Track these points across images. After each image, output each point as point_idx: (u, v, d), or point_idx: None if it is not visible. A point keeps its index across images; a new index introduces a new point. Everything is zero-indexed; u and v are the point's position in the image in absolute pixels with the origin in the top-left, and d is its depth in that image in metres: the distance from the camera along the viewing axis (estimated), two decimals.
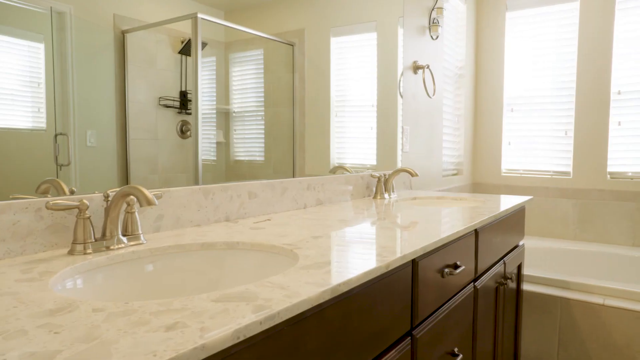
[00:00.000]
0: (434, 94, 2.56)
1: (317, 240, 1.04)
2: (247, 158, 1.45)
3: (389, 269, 0.85)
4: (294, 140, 1.64)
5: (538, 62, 3.19)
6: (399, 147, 2.35)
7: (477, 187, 3.45)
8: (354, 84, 1.99)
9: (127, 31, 1.11)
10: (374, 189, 1.99)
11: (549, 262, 2.91)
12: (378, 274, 0.81)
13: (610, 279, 2.74)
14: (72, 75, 1.00)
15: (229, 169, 1.40)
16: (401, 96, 2.31)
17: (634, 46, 2.86)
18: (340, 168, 1.95)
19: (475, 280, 1.44)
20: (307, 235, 1.10)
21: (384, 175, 2.01)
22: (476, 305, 1.43)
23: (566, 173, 3.13)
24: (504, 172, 3.37)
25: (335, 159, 1.91)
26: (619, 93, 2.92)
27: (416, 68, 2.44)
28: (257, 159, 1.49)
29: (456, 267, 1.24)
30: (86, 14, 1.02)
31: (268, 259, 1.00)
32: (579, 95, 3.02)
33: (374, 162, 2.16)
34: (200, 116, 1.29)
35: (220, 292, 0.66)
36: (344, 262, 0.84)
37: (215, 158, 1.35)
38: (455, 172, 3.19)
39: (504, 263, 1.74)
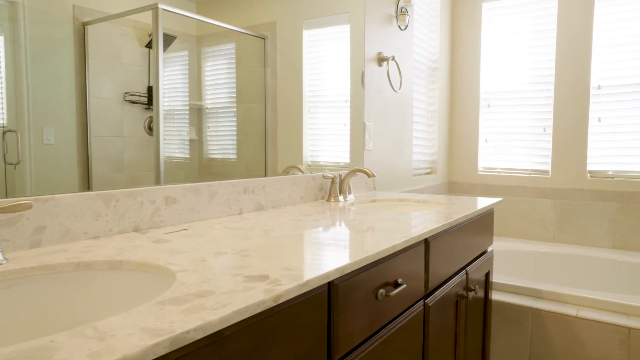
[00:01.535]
0: (400, 88, 2.38)
1: (217, 258, 0.86)
2: (220, 156, 1.40)
3: (279, 302, 0.66)
4: (266, 138, 1.58)
5: (516, 55, 3.02)
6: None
7: (452, 186, 3.28)
8: (327, 79, 1.89)
9: (88, 23, 1.05)
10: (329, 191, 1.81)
11: (524, 266, 2.75)
12: (261, 309, 0.63)
13: (587, 284, 2.59)
14: (26, 69, 0.94)
15: (203, 168, 1.35)
16: (363, 87, 2.13)
17: (614, 38, 2.71)
18: (293, 168, 1.78)
19: (426, 296, 1.27)
20: (209, 252, 0.91)
21: (339, 176, 1.83)
22: (427, 324, 1.25)
23: (545, 172, 2.98)
24: (481, 171, 3.20)
25: (308, 156, 1.81)
26: (599, 88, 2.77)
27: (381, 60, 2.27)
28: (230, 156, 1.43)
29: (397, 285, 1.06)
30: (41, 4, 0.96)
31: (144, 284, 0.81)
32: (557, 90, 2.87)
33: (348, 161, 2.06)
34: (162, 112, 1.22)
35: (10, 347, 0.48)
36: (224, 293, 0.65)
37: (188, 156, 1.30)
38: (428, 170, 3.02)
39: (467, 273, 1.57)
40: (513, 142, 3.07)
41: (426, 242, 1.23)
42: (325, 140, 1.90)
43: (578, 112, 2.81)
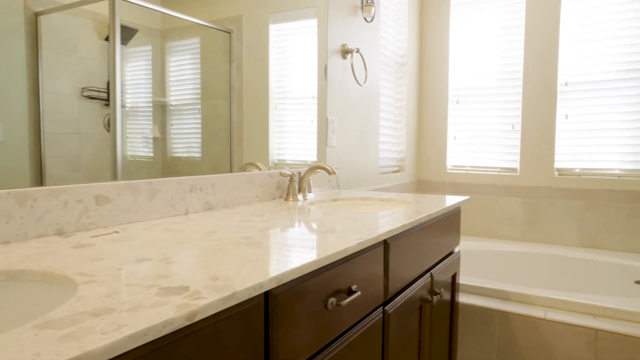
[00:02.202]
0: (365, 82, 2.29)
1: (137, 265, 0.74)
2: (185, 154, 1.35)
3: (195, 320, 0.55)
4: (232, 135, 1.53)
5: (484, 51, 2.98)
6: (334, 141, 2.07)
7: (421, 185, 3.22)
8: (294, 75, 1.84)
9: (41, 13, 0.99)
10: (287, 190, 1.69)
11: (492, 267, 2.71)
12: (168, 330, 0.52)
13: (555, 284, 2.56)
14: None
15: (166, 167, 1.29)
16: (325, 80, 2.03)
17: (581, 34, 2.69)
18: (251, 165, 1.67)
19: (385, 303, 1.17)
20: (131, 258, 0.79)
21: (298, 173, 1.73)
22: (387, 333, 1.16)
23: (513, 170, 2.94)
24: (450, 169, 3.15)
25: (275, 154, 1.74)
26: (566, 84, 2.74)
27: (345, 52, 2.17)
28: (195, 155, 1.38)
29: (351, 292, 0.96)
30: None
31: (40, 298, 0.69)
32: (525, 87, 2.84)
33: (315, 159, 2.01)
34: (119, 108, 1.16)
35: None
36: (127, 311, 0.54)
37: (152, 154, 1.25)
38: (396, 169, 2.94)
39: (431, 276, 1.49)
40: (482, 139, 3.03)
41: (385, 243, 1.14)
42: (292, 137, 1.85)
43: (546, 109, 2.78)
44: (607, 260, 2.45)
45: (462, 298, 1.94)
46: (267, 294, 0.72)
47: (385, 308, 1.15)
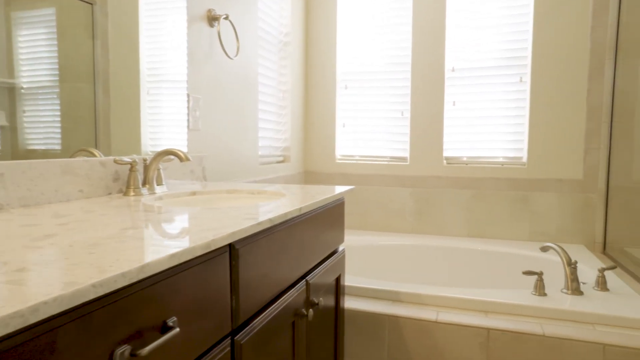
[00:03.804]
0: (236, 54, 1.96)
1: None
2: (42, 146, 1.16)
3: None
4: (97, 124, 1.33)
5: (373, 33, 2.80)
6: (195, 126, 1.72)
7: (309, 176, 2.98)
8: (170, 56, 1.60)
9: None
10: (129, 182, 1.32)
11: (382, 263, 2.55)
12: None
13: (446, 279, 2.46)
14: None
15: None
16: (186, 49, 1.67)
17: (466, 19, 2.62)
18: (84, 151, 1.29)
19: (236, 331, 0.87)
20: None
21: (143, 161, 1.36)
22: None
23: (403, 159, 2.82)
24: (339, 159, 2.95)
25: (148, 145, 1.49)
26: (453, 70, 2.66)
27: (212, 19, 1.82)
28: (55, 147, 1.19)
29: (166, 329, 0.64)
30: None
31: None
32: (414, 72, 2.71)
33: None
34: None
35: None
36: None
37: None
38: (280, 158, 2.66)
39: (307, 283, 1.21)
40: (371, 127, 2.86)
41: (233, 249, 0.83)
42: (168, 126, 1.62)
43: (434, 96, 2.68)
44: (495, 249, 2.40)
45: (349, 303, 1.71)
46: None
47: (236, 338, 0.85)
